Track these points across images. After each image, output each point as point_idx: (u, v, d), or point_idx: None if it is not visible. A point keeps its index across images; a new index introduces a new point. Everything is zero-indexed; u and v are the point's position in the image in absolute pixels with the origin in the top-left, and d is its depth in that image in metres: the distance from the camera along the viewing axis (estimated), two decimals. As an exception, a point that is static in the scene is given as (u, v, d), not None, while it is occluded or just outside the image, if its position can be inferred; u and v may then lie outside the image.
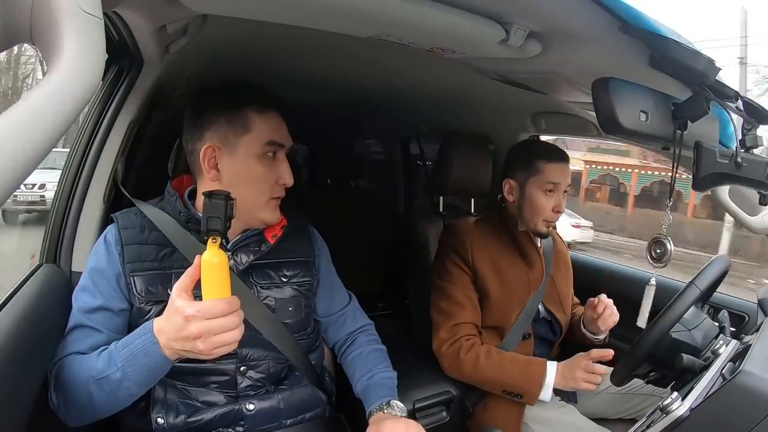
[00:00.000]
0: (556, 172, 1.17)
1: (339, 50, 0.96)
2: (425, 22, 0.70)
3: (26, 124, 0.29)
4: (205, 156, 0.79)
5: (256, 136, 0.80)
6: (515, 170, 1.22)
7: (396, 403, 0.87)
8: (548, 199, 1.17)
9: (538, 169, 1.18)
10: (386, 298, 2.12)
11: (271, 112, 0.82)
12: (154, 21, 0.73)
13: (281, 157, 0.83)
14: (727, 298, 1.35)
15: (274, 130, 0.82)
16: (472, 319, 1.18)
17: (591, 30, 0.70)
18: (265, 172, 0.81)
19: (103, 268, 0.79)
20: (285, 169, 0.83)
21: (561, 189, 1.18)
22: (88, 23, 0.34)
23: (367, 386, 0.91)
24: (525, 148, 1.30)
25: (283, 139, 0.83)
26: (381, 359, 0.96)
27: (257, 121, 0.80)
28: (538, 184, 1.18)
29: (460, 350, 1.14)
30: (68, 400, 0.70)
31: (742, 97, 0.71)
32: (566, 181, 1.19)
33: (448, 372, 1.17)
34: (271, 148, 0.81)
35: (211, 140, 0.79)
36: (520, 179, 1.21)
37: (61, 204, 0.93)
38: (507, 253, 1.23)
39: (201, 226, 0.65)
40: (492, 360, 1.12)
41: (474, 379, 1.15)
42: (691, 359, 0.87)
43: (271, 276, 0.87)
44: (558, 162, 1.18)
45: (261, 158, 0.80)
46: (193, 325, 0.61)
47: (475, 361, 1.13)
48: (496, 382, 1.12)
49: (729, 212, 1.09)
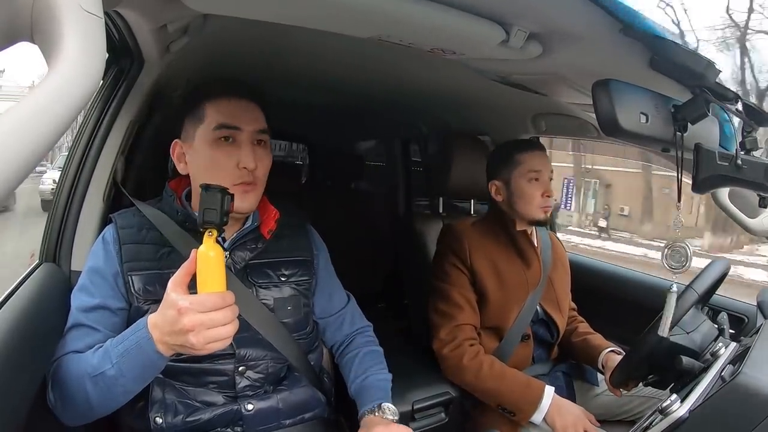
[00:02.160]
0: (535, 160, 1.20)
1: (339, 51, 0.96)
2: (425, 23, 0.70)
3: (27, 124, 0.29)
4: (173, 150, 0.85)
5: (208, 123, 0.80)
6: (497, 170, 1.25)
7: (388, 406, 0.87)
8: (535, 186, 1.19)
9: (518, 161, 1.20)
10: (385, 299, 2.11)
11: (225, 98, 0.81)
12: (155, 20, 0.73)
13: (242, 141, 0.80)
14: (726, 301, 1.35)
15: (226, 114, 0.80)
16: (471, 320, 1.18)
17: (591, 31, 0.70)
18: (222, 158, 0.79)
19: (101, 268, 0.79)
20: (245, 153, 0.79)
21: (545, 176, 1.20)
22: (88, 22, 0.34)
23: (361, 387, 0.90)
24: (501, 148, 1.32)
25: (237, 121, 0.80)
26: (377, 361, 0.96)
27: (208, 109, 0.81)
28: (521, 175, 1.20)
29: (464, 356, 1.14)
30: (65, 399, 0.70)
31: (742, 99, 0.71)
32: (547, 167, 1.21)
33: (447, 375, 1.17)
34: (223, 132, 0.79)
35: (179, 138, 0.84)
36: (504, 177, 1.23)
37: (60, 203, 0.93)
38: (505, 253, 1.23)
39: (197, 219, 0.65)
40: (494, 372, 1.12)
41: (473, 388, 1.15)
42: (690, 361, 0.87)
43: (269, 275, 0.87)
44: (534, 150, 1.22)
45: (215, 143, 0.80)
46: (186, 318, 0.61)
47: (478, 371, 1.12)
48: (494, 395, 1.12)
49: (729, 214, 1.09)
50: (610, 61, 0.76)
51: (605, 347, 1.23)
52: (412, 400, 1.09)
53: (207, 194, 0.66)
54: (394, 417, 0.86)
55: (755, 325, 1.21)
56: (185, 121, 0.83)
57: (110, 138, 0.94)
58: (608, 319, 1.42)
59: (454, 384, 1.18)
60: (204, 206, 0.65)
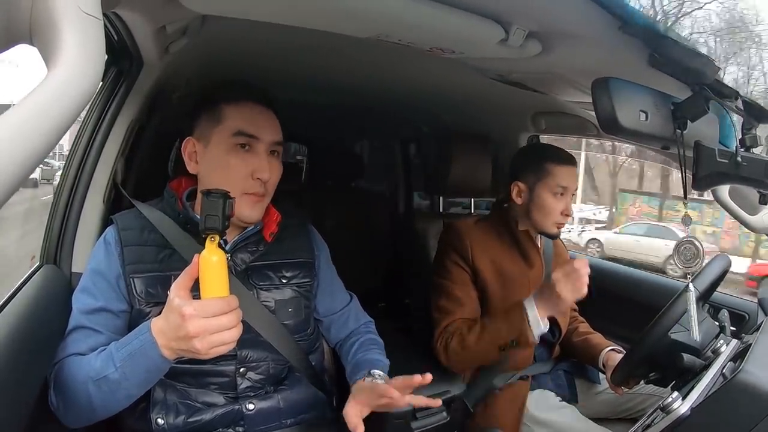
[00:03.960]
0: (565, 175, 1.17)
1: (339, 50, 0.96)
2: (425, 22, 0.70)
3: (26, 125, 0.29)
4: (185, 148, 0.83)
5: (226, 127, 0.79)
6: (524, 173, 1.21)
7: (377, 372, 0.85)
8: (558, 201, 1.17)
9: (548, 172, 1.17)
10: (386, 298, 2.11)
11: (245, 103, 0.81)
12: (154, 21, 0.73)
13: (258, 150, 0.80)
14: (727, 298, 1.35)
15: (247, 121, 0.80)
16: (470, 316, 1.18)
17: (590, 29, 0.70)
18: (237, 164, 0.79)
19: (103, 270, 0.79)
20: (261, 163, 0.79)
21: (570, 192, 1.18)
22: (87, 24, 0.34)
23: (358, 362, 0.90)
24: (534, 151, 1.29)
25: (256, 131, 0.80)
26: (377, 348, 0.96)
27: (228, 112, 0.80)
28: (547, 187, 1.17)
29: (448, 340, 1.14)
30: (67, 401, 0.70)
31: (741, 96, 0.71)
32: (574, 184, 1.19)
33: (449, 366, 1.16)
34: (241, 139, 0.79)
35: (192, 134, 0.83)
36: (529, 182, 1.19)
37: (61, 205, 0.93)
38: (507, 253, 1.23)
39: (199, 225, 0.65)
40: (474, 329, 1.12)
41: (469, 356, 1.13)
42: (691, 359, 0.87)
43: (270, 277, 0.87)
44: (567, 165, 1.18)
45: (232, 149, 0.79)
46: (191, 324, 0.61)
47: (461, 340, 1.12)
48: (488, 344, 1.09)
49: (729, 211, 1.09)
50: (609, 58, 0.76)
51: (606, 346, 1.23)
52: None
53: (208, 200, 0.65)
54: (381, 380, 0.84)
55: (756, 322, 1.21)
56: (201, 119, 0.82)
57: (110, 139, 0.94)
58: (608, 318, 1.42)
59: (456, 382, 1.17)
60: (206, 212, 0.65)
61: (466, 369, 1.16)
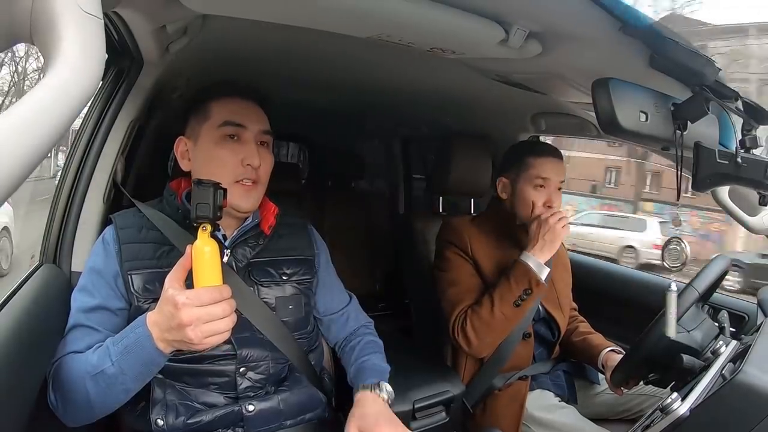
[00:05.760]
0: (545, 167, 1.17)
1: (339, 50, 0.96)
2: (425, 23, 0.70)
3: (26, 124, 0.29)
4: (178, 147, 0.85)
5: (214, 121, 0.82)
6: (507, 168, 1.24)
7: (386, 386, 0.87)
8: (539, 193, 1.17)
9: (527, 164, 1.18)
10: (386, 298, 2.11)
11: (231, 98, 0.83)
12: (154, 21, 0.73)
13: (246, 139, 0.82)
14: (726, 299, 1.35)
15: (232, 111, 0.82)
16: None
17: (591, 30, 0.70)
18: (227, 155, 0.81)
19: (101, 268, 0.79)
20: (250, 150, 0.81)
21: (552, 184, 1.18)
22: (87, 23, 0.34)
23: (361, 368, 0.91)
24: (517, 146, 1.31)
25: (242, 119, 0.82)
26: (378, 350, 0.96)
27: (214, 107, 0.83)
28: (527, 179, 1.18)
29: (464, 322, 1.14)
30: (66, 398, 0.70)
31: (741, 97, 0.71)
32: (558, 177, 1.18)
33: (470, 351, 1.15)
34: (228, 129, 0.81)
35: (184, 134, 0.85)
36: (511, 176, 1.22)
37: (60, 204, 0.93)
38: (505, 248, 1.23)
39: (191, 213, 0.66)
40: (484, 301, 1.13)
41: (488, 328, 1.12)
42: (691, 360, 0.87)
43: (271, 274, 0.87)
44: (547, 157, 1.19)
45: (220, 140, 0.81)
46: (183, 313, 0.61)
47: (476, 315, 1.12)
48: (503, 305, 1.11)
49: (729, 212, 1.09)
50: (609, 59, 0.76)
51: (605, 346, 1.22)
52: (412, 399, 1.09)
53: (199, 189, 0.66)
54: (389, 398, 0.86)
55: (756, 323, 1.21)
56: (190, 119, 0.85)
57: (110, 139, 0.94)
58: (608, 318, 1.42)
59: (455, 382, 1.17)
60: (196, 201, 0.66)
61: (487, 348, 1.15)
